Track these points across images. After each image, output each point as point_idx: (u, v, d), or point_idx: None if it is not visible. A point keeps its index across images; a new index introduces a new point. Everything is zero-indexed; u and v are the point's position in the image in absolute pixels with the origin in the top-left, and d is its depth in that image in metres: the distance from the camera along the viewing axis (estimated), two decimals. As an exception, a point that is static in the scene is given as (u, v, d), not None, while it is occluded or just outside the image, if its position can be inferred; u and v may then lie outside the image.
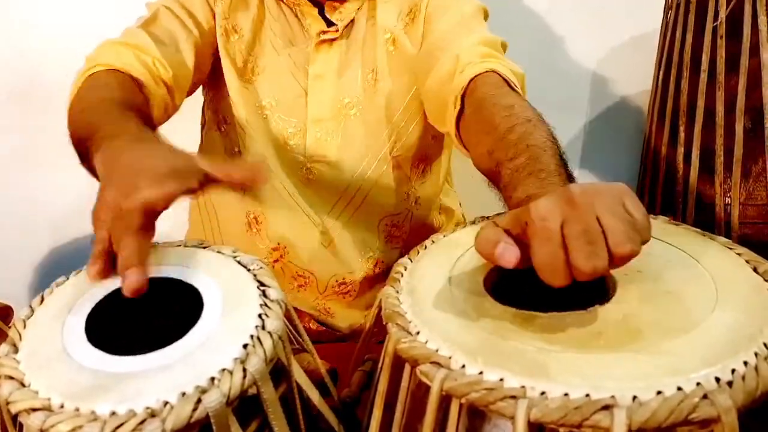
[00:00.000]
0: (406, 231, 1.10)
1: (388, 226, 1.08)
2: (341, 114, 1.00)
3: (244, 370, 0.47)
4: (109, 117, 0.72)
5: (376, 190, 1.04)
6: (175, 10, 0.96)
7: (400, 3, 1.00)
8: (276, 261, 1.05)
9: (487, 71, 0.82)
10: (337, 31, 0.98)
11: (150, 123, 0.82)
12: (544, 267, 0.48)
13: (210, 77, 1.04)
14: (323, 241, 1.04)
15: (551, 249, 0.47)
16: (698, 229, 0.63)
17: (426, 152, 1.10)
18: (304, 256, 1.04)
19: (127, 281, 0.54)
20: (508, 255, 0.49)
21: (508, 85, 0.81)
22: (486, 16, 0.99)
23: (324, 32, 0.98)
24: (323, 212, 1.04)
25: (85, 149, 0.70)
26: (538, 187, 0.61)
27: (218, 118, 1.06)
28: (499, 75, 0.82)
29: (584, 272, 0.46)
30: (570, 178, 0.64)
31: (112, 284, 0.58)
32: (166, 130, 0.90)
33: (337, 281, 1.06)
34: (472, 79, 0.82)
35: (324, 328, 1.09)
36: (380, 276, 1.08)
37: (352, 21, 1.00)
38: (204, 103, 1.11)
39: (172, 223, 1.49)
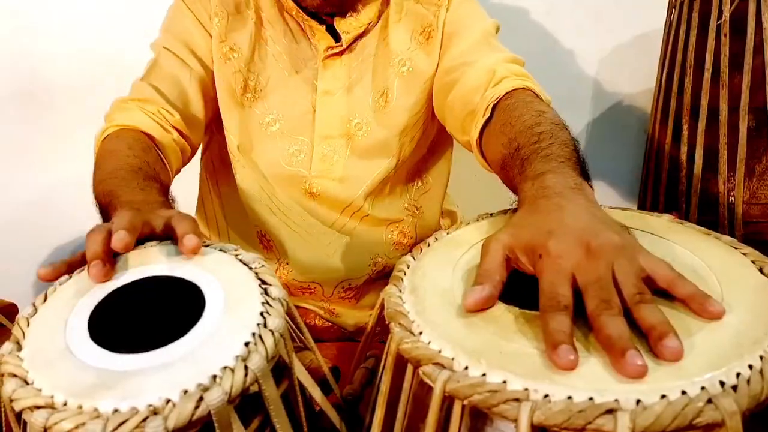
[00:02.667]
0: (413, 237, 1.10)
1: (394, 233, 1.08)
2: (349, 133, 1.00)
3: (246, 367, 0.47)
4: (117, 187, 0.74)
5: (379, 204, 1.04)
6: (175, 50, 0.97)
7: (412, 22, 1.00)
8: (279, 277, 1.05)
9: (522, 87, 0.85)
10: (341, 45, 0.98)
11: (164, 174, 0.85)
12: (548, 299, 0.49)
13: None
14: (328, 252, 1.04)
15: (558, 284, 0.49)
16: (703, 228, 0.63)
17: (426, 166, 1.11)
18: (308, 269, 1.04)
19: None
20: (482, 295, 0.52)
21: (541, 100, 0.84)
22: (497, 30, 1.01)
23: (332, 47, 0.98)
24: (328, 222, 1.04)
25: (106, 215, 0.73)
26: (550, 169, 0.62)
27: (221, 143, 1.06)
28: (533, 92, 0.85)
29: (598, 320, 0.47)
30: (585, 176, 0.65)
31: (114, 283, 0.58)
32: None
33: (343, 288, 1.06)
34: (507, 92, 0.84)
35: (330, 324, 1.09)
36: (385, 277, 1.08)
37: (361, 36, 0.99)
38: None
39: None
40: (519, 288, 0.56)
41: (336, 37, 0.98)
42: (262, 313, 0.53)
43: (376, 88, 1.00)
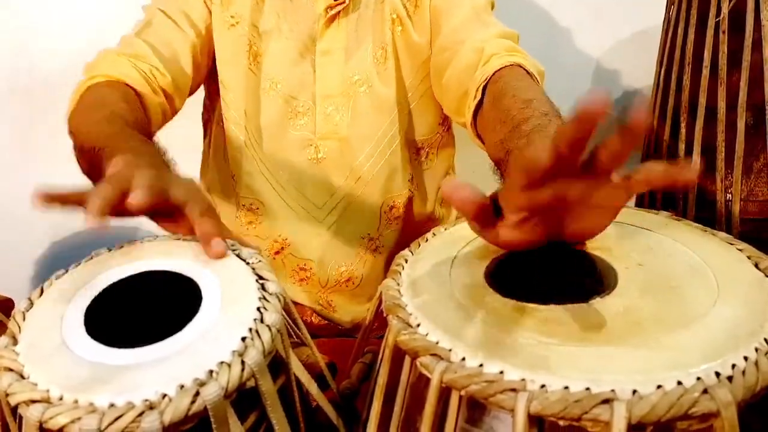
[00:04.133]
0: (405, 213, 1.09)
1: (389, 209, 1.08)
2: (350, 91, 1.00)
3: (243, 362, 0.47)
4: (116, 133, 0.73)
5: (382, 169, 1.04)
6: (171, 13, 0.97)
7: None
8: (277, 253, 1.05)
9: (511, 64, 0.84)
10: (344, 2, 0.98)
11: (148, 134, 0.83)
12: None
13: (211, 74, 1.04)
14: (320, 228, 1.04)
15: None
16: (700, 225, 0.63)
17: (433, 139, 1.10)
18: (303, 245, 1.04)
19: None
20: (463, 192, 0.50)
21: (531, 78, 0.83)
22: (493, 7, 1.00)
23: (331, 7, 0.98)
24: (328, 193, 1.04)
25: (90, 160, 0.72)
26: None
27: (220, 115, 1.06)
28: (523, 69, 0.83)
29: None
30: None
31: (110, 278, 0.58)
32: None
33: (337, 271, 1.05)
34: (496, 71, 0.83)
35: (326, 321, 1.09)
36: (381, 268, 1.08)
37: None
38: (205, 99, 1.11)
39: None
40: (516, 282, 0.56)
41: None
42: (258, 309, 0.53)
43: (376, 44, 1.00)
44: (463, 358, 0.45)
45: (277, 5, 1.00)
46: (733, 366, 0.42)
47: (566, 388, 0.41)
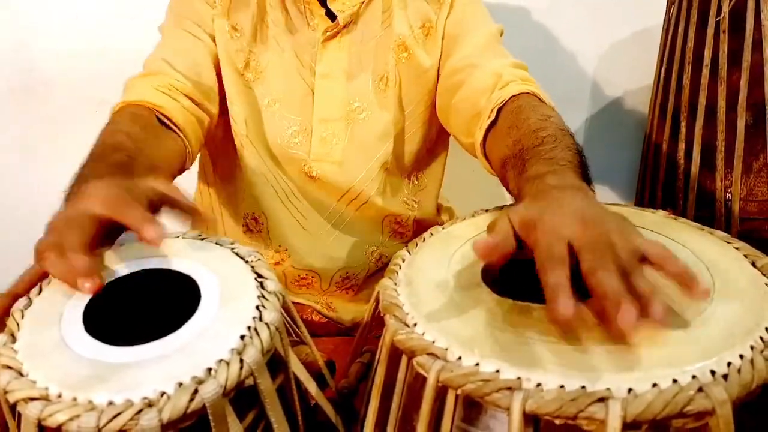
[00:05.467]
0: (410, 229, 1.10)
1: (392, 223, 1.08)
2: (349, 117, 1.00)
3: (241, 360, 0.47)
4: (82, 170, 0.73)
5: (378, 193, 1.04)
6: (184, 26, 0.97)
7: (414, 14, 1.01)
8: (277, 264, 1.05)
9: (528, 92, 0.86)
10: (343, 25, 0.98)
11: (155, 142, 0.83)
12: (545, 258, 0.49)
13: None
14: (326, 240, 1.04)
15: (554, 244, 0.49)
16: (697, 224, 0.64)
17: (425, 161, 1.11)
18: (305, 255, 1.04)
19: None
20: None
21: (547, 105, 0.85)
22: (502, 35, 1.02)
23: (330, 28, 0.98)
24: (325, 209, 1.04)
25: None
26: (552, 170, 0.63)
27: (224, 126, 1.05)
28: (539, 98, 0.86)
29: (594, 276, 0.47)
30: (587, 180, 0.65)
31: (110, 275, 0.58)
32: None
33: (340, 277, 1.06)
34: (513, 96, 0.85)
35: (326, 320, 1.09)
36: (383, 270, 1.08)
37: (357, 16, 0.99)
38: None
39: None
40: (513, 282, 0.56)
41: (332, 16, 0.98)
42: (257, 307, 0.53)
43: (376, 71, 1.00)
44: (460, 357, 0.46)
45: (278, 21, 1.00)
46: (729, 364, 0.42)
47: (562, 386, 0.41)
